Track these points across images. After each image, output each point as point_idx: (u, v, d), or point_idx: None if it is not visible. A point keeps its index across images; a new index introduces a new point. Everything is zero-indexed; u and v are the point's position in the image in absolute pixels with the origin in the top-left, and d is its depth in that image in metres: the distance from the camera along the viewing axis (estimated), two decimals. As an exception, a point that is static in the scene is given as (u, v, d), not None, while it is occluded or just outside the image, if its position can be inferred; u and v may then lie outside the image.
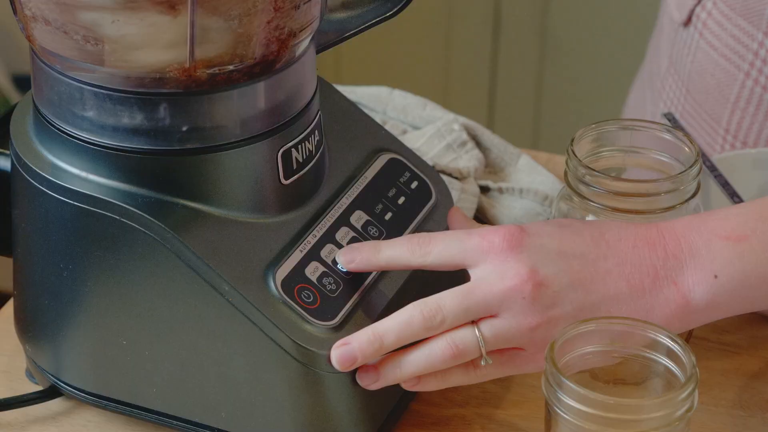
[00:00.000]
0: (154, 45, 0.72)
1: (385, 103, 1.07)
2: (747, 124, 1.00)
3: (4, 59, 2.04)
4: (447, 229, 0.85)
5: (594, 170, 0.80)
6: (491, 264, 0.74)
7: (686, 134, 0.82)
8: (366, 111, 1.02)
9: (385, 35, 0.87)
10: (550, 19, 2.01)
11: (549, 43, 2.03)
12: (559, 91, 2.06)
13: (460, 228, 0.81)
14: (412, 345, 0.75)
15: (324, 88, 0.86)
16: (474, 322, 0.74)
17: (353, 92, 1.07)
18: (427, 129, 1.04)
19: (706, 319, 0.75)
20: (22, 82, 2.04)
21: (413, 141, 1.02)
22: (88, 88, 0.74)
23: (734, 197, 0.89)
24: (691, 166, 0.79)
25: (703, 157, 0.89)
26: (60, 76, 0.75)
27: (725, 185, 0.90)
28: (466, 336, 0.74)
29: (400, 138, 1.01)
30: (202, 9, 0.71)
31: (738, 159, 0.93)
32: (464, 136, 1.02)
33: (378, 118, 1.05)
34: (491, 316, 0.74)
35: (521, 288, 0.73)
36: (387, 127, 1.01)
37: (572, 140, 0.81)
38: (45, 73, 0.76)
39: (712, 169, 0.90)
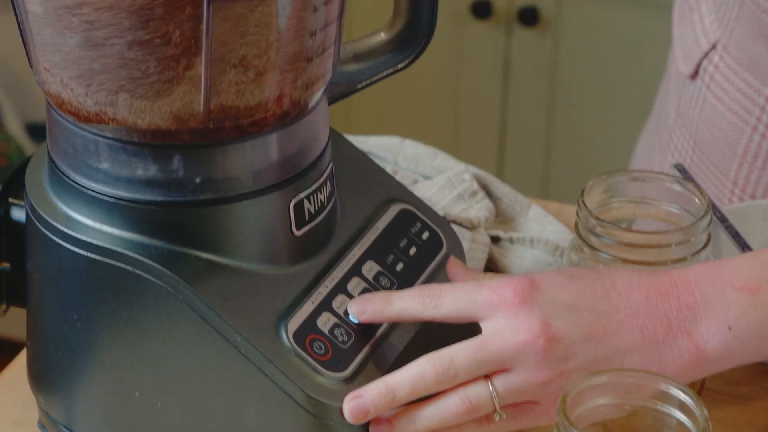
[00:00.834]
0: (169, 98, 0.73)
1: (396, 153, 1.07)
2: (755, 178, 1.01)
3: (17, 108, 2.05)
4: (457, 280, 0.85)
5: (604, 221, 0.80)
6: (503, 318, 0.74)
7: (696, 185, 0.82)
8: (377, 161, 1.02)
9: (395, 85, 0.87)
10: (559, 70, 2.02)
11: (558, 93, 2.04)
12: (568, 141, 2.06)
13: (461, 279, 0.82)
14: (424, 398, 0.75)
15: (335, 138, 0.87)
16: (487, 377, 0.74)
17: (364, 142, 1.08)
18: (438, 179, 1.04)
19: (720, 368, 0.75)
20: (35, 131, 2.05)
21: (424, 191, 1.03)
22: (103, 140, 0.75)
23: (745, 248, 0.89)
24: (701, 218, 0.80)
25: (714, 208, 0.89)
26: (75, 128, 0.76)
27: (736, 236, 0.90)
28: (479, 391, 0.74)
29: (411, 188, 1.01)
30: (216, 63, 0.72)
31: (748, 210, 0.93)
32: (475, 186, 1.03)
33: (389, 168, 1.05)
34: (504, 370, 0.74)
35: (534, 342, 0.73)
36: (398, 177, 1.02)
37: (582, 191, 0.82)
38: (60, 125, 0.77)
39: (723, 220, 0.91)
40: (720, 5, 1.03)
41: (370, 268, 0.81)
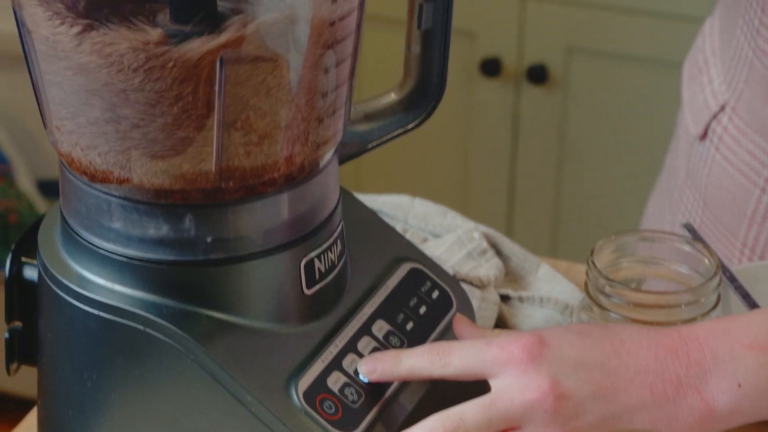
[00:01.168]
0: (181, 158, 0.73)
1: (406, 212, 1.08)
2: (764, 239, 1.01)
3: (29, 164, 2.06)
4: (467, 338, 0.85)
5: (614, 281, 0.80)
6: (512, 376, 0.75)
7: (705, 246, 0.83)
8: (387, 219, 1.03)
9: (404, 143, 0.88)
10: (568, 128, 2.03)
11: (567, 151, 2.04)
12: (577, 199, 2.07)
13: (468, 336, 0.82)
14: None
15: (345, 197, 0.88)
16: (497, 435, 0.74)
17: (374, 200, 1.08)
18: (447, 237, 1.04)
19: (729, 425, 0.75)
20: (46, 188, 2.06)
21: (434, 249, 1.03)
22: (115, 199, 0.75)
23: (754, 308, 0.89)
24: (710, 278, 0.80)
25: (723, 268, 0.89)
26: (87, 188, 0.76)
27: (745, 296, 0.90)
28: (489, 450, 0.74)
29: (421, 246, 1.01)
30: (228, 124, 0.73)
31: (758, 270, 0.93)
32: (484, 244, 1.03)
33: (399, 227, 1.06)
34: (514, 428, 0.74)
35: (543, 401, 0.73)
36: (408, 235, 1.02)
37: (592, 251, 0.82)
38: (73, 185, 0.77)
39: (732, 280, 0.91)
40: (729, 68, 1.04)
41: (380, 327, 0.82)
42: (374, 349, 0.80)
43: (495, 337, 0.78)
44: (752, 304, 0.90)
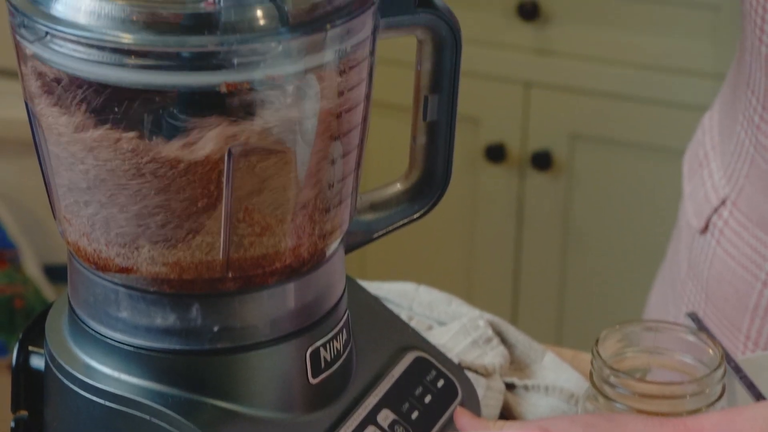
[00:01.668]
0: (188, 249, 0.74)
1: (411, 299, 1.08)
2: (767, 333, 1.01)
3: (36, 250, 2.07)
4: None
5: (619, 371, 0.80)
6: (518, 467, 0.74)
7: (710, 336, 0.83)
8: (392, 306, 1.03)
9: (409, 229, 0.89)
10: (572, 215, 2.04)
11: (571, 238, 2.05)
12: (582, 286, 2.06)
13: (471, 429, 0.81)
14: None
15: (350, 285, 0.88)
16: None
17: (380, 288, 1.08)
18: (452, 325, 1.05)
19: None
20: (53, 273, 2.07)
21: (439, 337, 1.03)
22: (123, 289, 0.76)
23: (759, 399, 0.89)
24: (715, 369, 0.80)
25: (728, 359, 0.89)
26: (95, 277, 0.77)
27: (751, 387, 0.90)
28: None
29: (426, 333, 1.02)
30: (235, 214, 0.73)
31: (763, 360, 0.93)
32: (489, 332, 1.03)
33: (404, 314, 1.06)
34: None
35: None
36: (413, 323, 1.02)
37: (597, 340, 0.82)
38: (81, 275, 0.78)
39: (737, 370, 0.91)
40: (729, 162, 1.05)
41: (386, 417, 0.82)
42: (379, 439, 0.80)
43: (498, 429, 0.78)
44: (757, 395, 0.90)
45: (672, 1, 1.88)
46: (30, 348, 0.82)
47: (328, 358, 0.80)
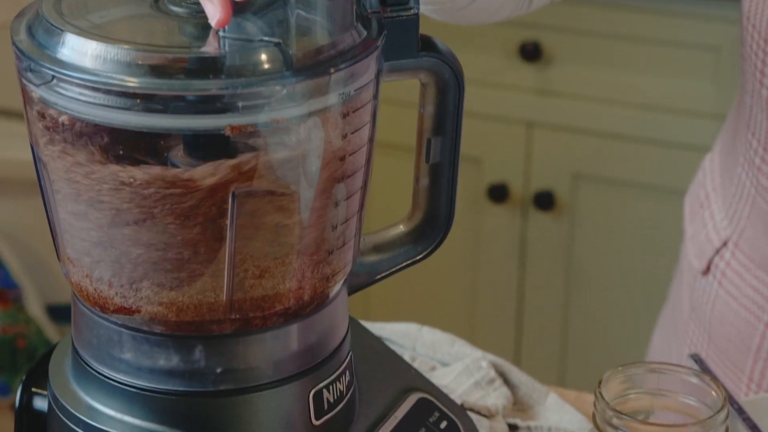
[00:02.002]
0: (191, 291, 0.74)
1: (414, 340, 1.08)
2: (770, 374, 1.01)
3: (38, 289, 2.07)
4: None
5: (622, 413, 0.80)
6: None
7: (713, 378, 0.83)
8: (395, 347, 1.03)
9: (411, 270, 0.89)
10: (575, 255, 2.04)
11: (574, 278, 2.05)
12: (585, 326, 2.06)
13: None
14: None
15: (353, 326, 0.88)
16: None
17: (382, 329, 1.09)
18: (455, 366, 1.05)
19: None
20: (55, 312, 2.07)
21: (442, 378, 1.03)
22: (126, 331, 0.76)
23: (763, 441, 0.89)
24: (718, 411, 0.80)
25: (731, 400, 0.89)
26: (99, 319, 0.77)
27: (754, 428, 0.90)
28: None
29: (429, 374, 1.02)
30: (239, 256, 0.74)
31: (767, 402, 0.93)
32: (492, 373, 1.03)
33: (407, 355, 1.06)
34: None
35: None
36: (416, 363, 1.02)
37: (600, 382, 0.82)
38: (85, 316, 0.78)
39: (740, 411, 0.91)
40: (731, 204, 1.05)
41: (389, 458, 0.82)
42: (382, 481, 0.80)
43: None
44: (760, 436, 0.90)
45: (673, 42, 1.89)
46: (33, 389, 0.82)
47: (331, 400, 0.80)
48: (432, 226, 0.86)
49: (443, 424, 0.86)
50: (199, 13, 0.73)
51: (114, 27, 0.74)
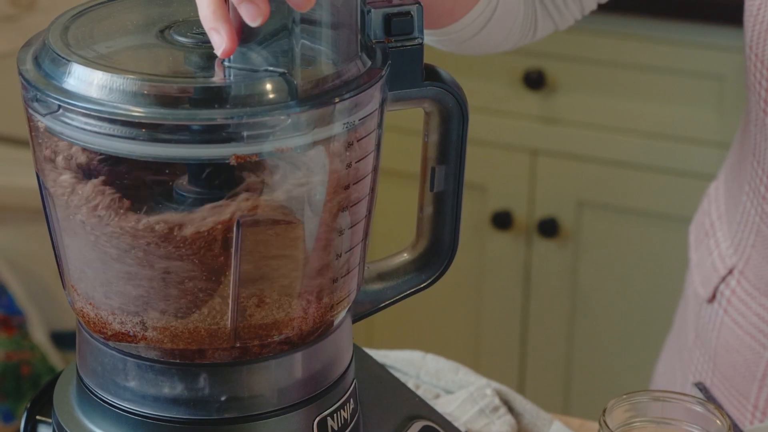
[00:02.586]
0: (196, 319, 0.74)
1: (419, 367, 1.08)
2: (776, 402, 1.01)
3: (43, 316, 2.07)
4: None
5: (626, 442, 0.80)
6: None
7: (717, 406, 0.83)
8: (399, 375, 1.03)
9: (416, 298, 0.89)
10: (579, 282, 2.04)
11: (578, 305, 2.05)
12: (589, 354, 2.06)
13: None
14: None
15: (358, 353, 0.88)
16: None
17: (386, 356, 1.09)
18: (459, 394, 1.05)
19: None
20: (60, 339, 2.07)
21: (446, 405, 1.03)
22: (131, 359, 0.76)
23: (767, 469, 0.89)
24: (723, 439, 0.80)
25: (735, 428, 0.89)
26: (103, 347, 0.77)
27: (758, 456, 0.90)
28: None
29: (433, 402, 1.01)
30: (244, 284, 0.74)
31: (770, 429, 0.93)
32: (497, 401, 1.03)
33: (411, 382, 1.06)
34: None
35: None
36: (420, 391, 1.02)
37: (604, 410, 0.82)
38: (89, 344, 0.78)
39: (744, 440, 0.91)
40: (736, 232, 1.05)
41: (393, 487, 0.82)
42: None
43: None
44: (765, 465, 0.90)
45: (677, 70, 1.89)
46: (38, 417, 0.82)
47: (336, 428, 0.80)
48: (436, 253, 0.86)
49: (447, 453, 0.86)
50: (205, 43, 0.73)
51: (120, 57, 0.74)
